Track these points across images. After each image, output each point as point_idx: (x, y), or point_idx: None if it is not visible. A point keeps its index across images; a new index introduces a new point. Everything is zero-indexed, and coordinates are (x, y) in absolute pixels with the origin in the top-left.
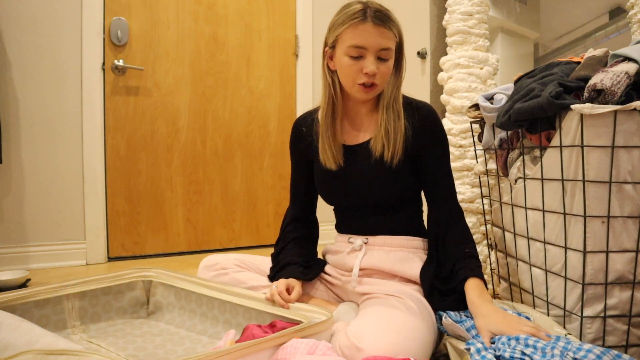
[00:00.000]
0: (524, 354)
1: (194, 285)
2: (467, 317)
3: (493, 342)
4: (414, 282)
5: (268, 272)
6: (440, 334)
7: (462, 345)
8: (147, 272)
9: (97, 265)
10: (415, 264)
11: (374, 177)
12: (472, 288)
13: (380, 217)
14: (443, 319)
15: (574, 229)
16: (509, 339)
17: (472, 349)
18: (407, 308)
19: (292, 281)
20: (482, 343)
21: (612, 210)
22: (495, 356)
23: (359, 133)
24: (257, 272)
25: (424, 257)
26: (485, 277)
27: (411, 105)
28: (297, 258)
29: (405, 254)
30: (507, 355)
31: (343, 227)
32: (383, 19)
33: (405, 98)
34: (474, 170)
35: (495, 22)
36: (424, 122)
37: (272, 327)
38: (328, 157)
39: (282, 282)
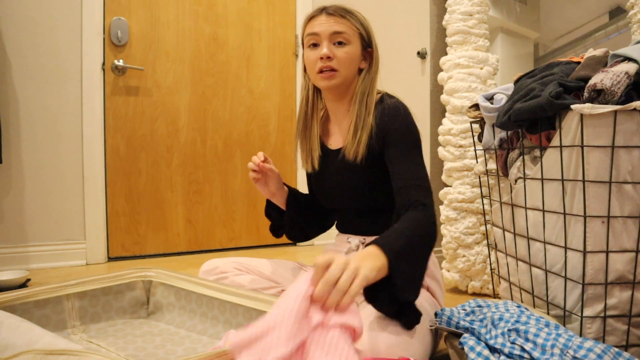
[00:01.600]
0: (523, 349)
1: (194, 285)
2: (464, 311)
3: (489, 329)
4: None
5: (268, 275)
6: (441, 333)
7: None
8: (147, 272)
9: (97, 265)
10: None
11: (347, 181)
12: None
13: (373, 217)
14: (436, 320)
15: (574, 229)
16: (509, 330)
17: (466, 348)
18: None
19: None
20: (474, 339)
21: (612, 210)
22: (493, 349)
23: (341, 136)
24: (257, 274)
25: None
26: (485, 277)
27: (382, 103)
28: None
29: None
30: (506, 350)
31: (341, 227)
32: (337, 10)
33: (382, 97)
34: (474, 170)
35: (495, 22)
36: (383, 117)
37: None
38: (304, 158)
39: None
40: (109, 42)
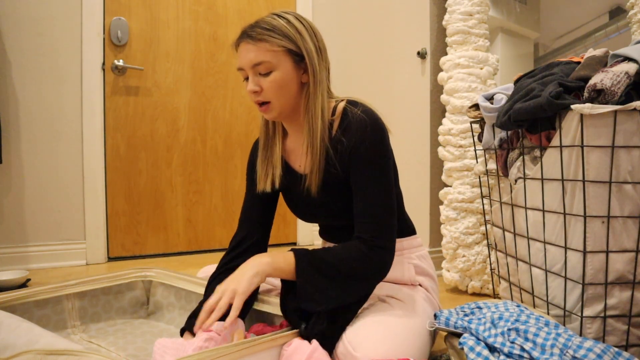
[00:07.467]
0: (522, 349)
1: (194, 285)
2: (463, 312)
3: (489, 328)
4: (407, 284)
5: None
6: (437, 334)
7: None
8: (147, 272)
9: (97, 265)
10: (403, 267)
11: (310, 201)
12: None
13: (350, 229)
14: (435, 322)
15: (574, 229)
16: (509, 330)
17: (466, 348)
18: (403, 312)
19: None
20: (474, 339)
21: (612, 210)
22: (492, 348)
23: (302, 156)
24: None
25: (413, 257)
26: (485, 277)
27: (346, 118)
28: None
29: None
30: (505, 350)
31: (324, 235)
32: (253, 34)
33: (345, 110)
34: (474, 170)
35: (495, 22)
36: (349, 135)
37: (280, 328)
38: (262, 178)
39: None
40: (109, 42)
